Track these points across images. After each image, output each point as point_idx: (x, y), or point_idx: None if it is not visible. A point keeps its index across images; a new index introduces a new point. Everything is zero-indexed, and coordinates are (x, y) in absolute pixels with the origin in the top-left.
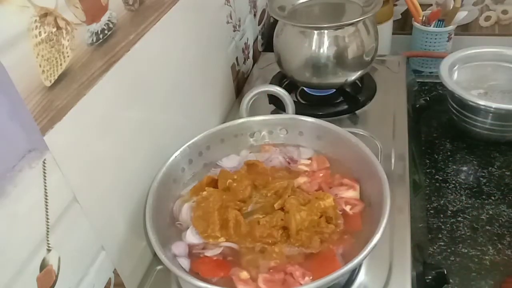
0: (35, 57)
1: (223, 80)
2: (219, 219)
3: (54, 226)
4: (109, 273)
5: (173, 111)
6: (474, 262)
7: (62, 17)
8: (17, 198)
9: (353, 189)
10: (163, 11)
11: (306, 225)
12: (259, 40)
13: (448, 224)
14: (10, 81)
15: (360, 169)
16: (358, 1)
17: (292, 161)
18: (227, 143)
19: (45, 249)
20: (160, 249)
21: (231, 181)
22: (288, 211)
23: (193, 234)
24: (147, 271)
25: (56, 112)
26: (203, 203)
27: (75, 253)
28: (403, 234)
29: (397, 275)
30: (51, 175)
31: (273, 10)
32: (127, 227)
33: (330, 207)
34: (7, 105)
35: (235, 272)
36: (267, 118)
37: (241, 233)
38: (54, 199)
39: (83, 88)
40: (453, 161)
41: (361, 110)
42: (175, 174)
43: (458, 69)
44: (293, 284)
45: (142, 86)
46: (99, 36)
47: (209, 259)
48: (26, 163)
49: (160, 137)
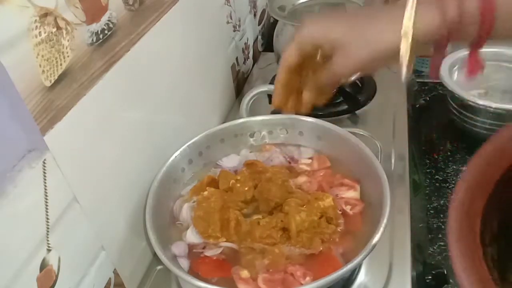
0: (35, 57)
1: (223, 80)
2: (219, 219)
3: (54, 226)
4: (109, 273)
5: (173, 111)
6: None
7: (62, 17)
8: (17, 198)
9: (353, 189)
10: (163, 11)
11: (306, 226)
12: (259, 40)
13: None
14: (10, 81)
15: (360, 169)
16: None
17: (292, 161)
18: (227, 143)
19: (45, 249)
20: (160, 249)
21: (234, 182)
22: (287, 212)
23: (194, 234)
24: (147, 271)
25: (56, 112)
26: (204, 203)
27: (75, 253)
28: (403, 234)
29: (397, 275)
30: (51, 175)
31: (273, 10)
32: (127, 227)
33: (330, 207)
34: (7, 105)
35: (236, 270)
36: (267, 118)
37: (242, 233)
38: (54, 199)
39: (83, 88)
40: (453, 161)
41: (361, 110)
42: (175, 174)
43: (458, 69)
44: (293, 283)
45: (142, 86)
46: (99, 36)
47: (209, 259)
48: (26, 163)
49: (160, 137)
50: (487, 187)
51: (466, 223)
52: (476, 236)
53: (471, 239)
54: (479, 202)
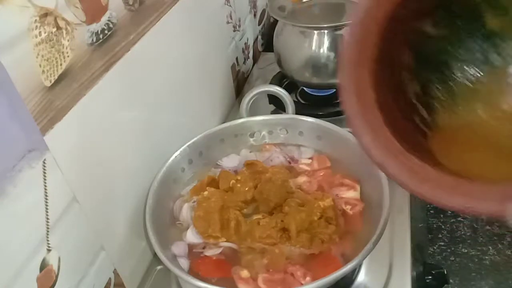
0: (35, 57)
1: (223, 80)
2: (220, 219)
3: (54, 226)
4: (109, 273)
5: (173, 111)
6: (474, 262)
7: (62, 17)
8: (17, 198)
9: (353, 189)
10: (163, 11)
11: (306, 226)
12: (259, 40)
13: (448, 224)
14: (10, 81)
15: (360, 169)
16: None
17: (292, 161)
18: (227, 143)
19: (45, 249)
20: (160, 249)
21: (234, 182)
22: (287, 212)
23: (194, 234)
24: (147, 271)
25: (56, 112)
26: (204, 203)
27: (75, 253)
28: (403, 234)
29: (397, 275)
30: (51, 175)
31: (273, 10)
32: (127, 227)
33: (330, 207)
34: (7, 105)
35: (236, 270)
36: (267, 118)
37: (242, 233)
38: (54, 199)
39: (83, 88)
40: None
41: None
42: (175, 174)
43: None
44: (293, 283)
45: (142, 85)
46: (99, 36)
47: (209, 259)
48: (26, 163)
49: (160, 137)
50: (377, 26)
51: (355, 74)
52: (366, 83)
53: (362, 87)
54: (369, 48)
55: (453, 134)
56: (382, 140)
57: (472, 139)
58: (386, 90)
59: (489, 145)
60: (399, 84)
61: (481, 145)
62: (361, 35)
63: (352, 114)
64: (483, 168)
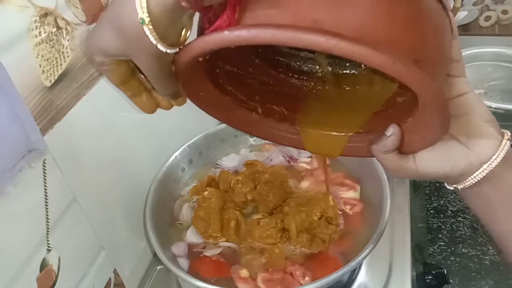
0: (35, 57)
1: None
2: (220, 219)
3: (54, 226)
4: (109, 273)
5: (173, 111)
6: (474, 262)
7: (62, 17)
8: (17, 198)
9: (353, 189)
10: None
11: (306, 226)
12: None
13: (448, 224)
14: (10, 81)
15: (360, 169)
16: None
17: (292, 160)
18: (227, 143)
19: (45, 249)
20: (160, 249)
21: (234, 182)
22: (287, 213)
23: (194, 234)
24: (147, 271)
25: (56, 112)
26: (204, 203)
27: (75, 253)
28: (403, 234)
29: (397, 275)
30: (51, 175)
31: None
32: (127, 227)
33: (330, 207)
34: (7, 105)
35: (235, 270)
36: None
37: (241, 233)
38: (54, 199)
39: (83, 88)
40: None
41: None
42: (175, 174)
43: None
44: (292, 283)
45: None
46: None
47: (209, 259)
48: (26, 163)
49: (160, 137)
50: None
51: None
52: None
53: None
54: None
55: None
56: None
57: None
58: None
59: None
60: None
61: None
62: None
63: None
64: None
